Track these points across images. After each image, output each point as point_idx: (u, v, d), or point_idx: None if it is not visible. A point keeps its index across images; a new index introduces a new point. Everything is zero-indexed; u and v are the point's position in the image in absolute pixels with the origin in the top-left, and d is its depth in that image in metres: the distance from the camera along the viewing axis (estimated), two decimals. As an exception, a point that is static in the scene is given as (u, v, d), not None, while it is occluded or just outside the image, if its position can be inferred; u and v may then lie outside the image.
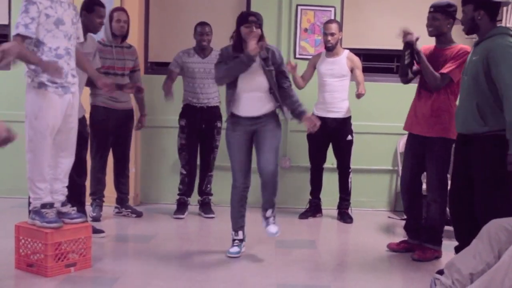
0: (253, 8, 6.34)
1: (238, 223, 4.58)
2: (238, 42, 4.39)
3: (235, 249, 4.54)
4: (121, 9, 5.52)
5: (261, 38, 4.36)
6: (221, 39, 5.92)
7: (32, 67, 3.85)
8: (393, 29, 6.31)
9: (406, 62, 4.54)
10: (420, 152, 4.59)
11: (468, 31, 4.01)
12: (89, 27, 4.77)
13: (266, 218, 4.55)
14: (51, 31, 3.88)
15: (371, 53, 6.57)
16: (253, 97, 4.40)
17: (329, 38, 5.69)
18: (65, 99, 3.97)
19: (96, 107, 5.38)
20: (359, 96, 5.65)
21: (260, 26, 4.35)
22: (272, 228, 4.51)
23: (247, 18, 4.35)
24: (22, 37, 3.78)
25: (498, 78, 3.69)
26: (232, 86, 4.41)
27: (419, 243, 4.69)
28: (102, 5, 4.85)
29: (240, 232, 4.59)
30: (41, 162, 3.90)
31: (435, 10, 4.45)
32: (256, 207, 6.01)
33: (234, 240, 4.59)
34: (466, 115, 3.92)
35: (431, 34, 4.54)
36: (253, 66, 4.34)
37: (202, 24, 5.76)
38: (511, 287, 2.99)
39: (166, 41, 6.55)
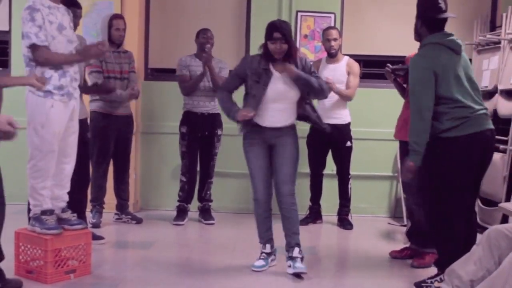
0: (253, 14, 6.37)
1: (265, 236, 4.43)
2: (266, 55, 4.26)
3: (260, 262, 4.38)
4: (119, 16, 5.54)
5: (291, 50, 4.21)
6: (221, 44, 5.95)
7: (38, 74, 3.85)
8: (393, 36, 6.36)
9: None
10: None
11: (415, 38, 4.06)
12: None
13: (292, 258, 4.29)
14: (56, 37, 3.88)
15: (371, 59, 6.58)
16: (279, 108, 4.27)
17: (332, 43, 5.70)
18: (69, 106, 3.97)
19: (96, 113, 5.39)
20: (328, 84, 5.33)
21: (287, 41, 4.17)
22: (300, 264, 4.26)
23: (272, 34, 4.17)
24: (38, 47, 3.79)
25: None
26: (255, 97, 4.23)
27: (420, 249, 4.68)
28: (78, 6, 4.71)
29: (268, 246, 4.42)
30: (46, 170, 3.89)
31: None
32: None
33: (261, 253, 4.43)
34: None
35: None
36: (284, 77, 4.24)
37: (205, 29, 5.77)
38: None
39: (167, 47, 6.56)
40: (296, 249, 4.31)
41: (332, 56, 5.77)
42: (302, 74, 4.21)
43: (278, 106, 4.27)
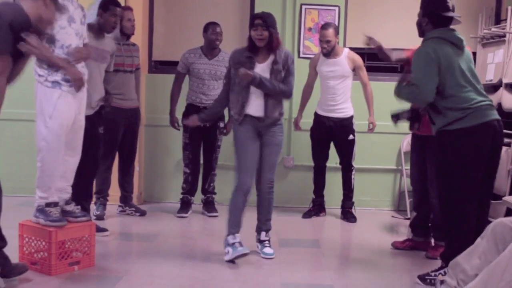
0: (257, 7, 6.35)
1: (237, 225, 4.43)
2: (250, 44, 4.40)
3: (244, 249, 4.31)
4: (129, 8, 5.54)
5: (272, 39, 4.35)
6: (225, 38, 5.93)
7: (45, 65, 3.84)
8: (397, 29, 6.33)
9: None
10: (423, 151, 4.62)
11: (419, 35, 4.04)
12: (104, 26, 4.83)
13: (261, 241, 4.57)
14: (64, 27, 3.89)
15: (375, 52, 6.53)
16: (263, 97, 4.39)
17: (325, 45, 5.62)
18: (77, 98, 3.97)
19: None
20: (372, 130, 5.84)
21: (268, 27, 4.32)
22: (268, 249, 4.51)
23: (254, 21, 4.35)
24: None
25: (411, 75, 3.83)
26: (240, 84, 4.36)
27: (424, 241, 4.71)
28: (118, 4, 4.88)
29: (238, 235, 4.42)
30: (54, 162, 3.89)
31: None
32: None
33: (233, 243, 4.34)
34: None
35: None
36: (264, 67, 4.38)
37: (215, 24, 5.73)
38: (510, 281, 2.98)
39: (171, 39, 6.55)
40: (263, 233, 4.57)
41: (325, 55, 5.70)
42: (258, 80, 4.29)
43: (259, 95, 4.38)
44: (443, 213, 3.92)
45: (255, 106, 4.41)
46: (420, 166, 4.68)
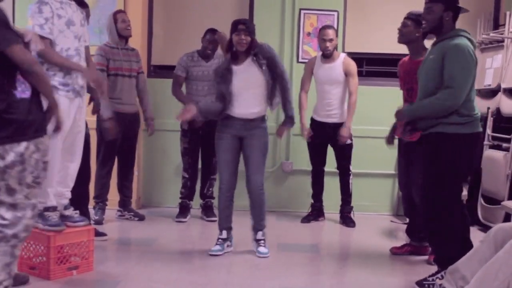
0: (256, 12, 6.37)
1: (223, 224, 4.70)
2: (231, 50, 4.56)
3: (217, 247, 4.63)
4: (122, 11, 5.56)
5: (252, 43, 4.51)
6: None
7: (43, 69, 3.84)
8: (396, 34, 6.33)
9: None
10: (409, 155, 4.64)
11: (432, 30, 3.99)
12: None
13: (257, 241, 4.67)
14: (63, 31, 3.89)
15: (374, 57, 6.57)
16: (249, 95, 4.51)
17: (328, 44, 5.61)
18: (75, 103, 3.97)
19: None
20: (342, 139, 5.65)
21: (250, 33, 4.49)
22: (263, 249, 4.63)
23: (237, 26, 4.48)
24: (41, 38, 3.78)
25: (448, 75, 3.73)
26: (226, 86, 4.52)
27: (422, 245, 4.72)
28: (84, 5, 4.72)
29: (224, 232, 4.69)
30: (51, 167, 3.89)
31: (408, 17, 4.52)
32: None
33: (218, 238, 4.69)
34: None
35: (398, 40, 4.64)
36: (246, 63, 4.53)
37: (212, 31, 5.70)
38: (504, 281, 2.99)
39: (170, 44, 6.55)
40: (260, 233, 4.68)
41: (326, 56, 5.69)
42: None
43: (245, 95, 4.52)
44: (430, 216, 3.90)
45: (239, 107, 4.56)
46: (408, 171, 4.69)
